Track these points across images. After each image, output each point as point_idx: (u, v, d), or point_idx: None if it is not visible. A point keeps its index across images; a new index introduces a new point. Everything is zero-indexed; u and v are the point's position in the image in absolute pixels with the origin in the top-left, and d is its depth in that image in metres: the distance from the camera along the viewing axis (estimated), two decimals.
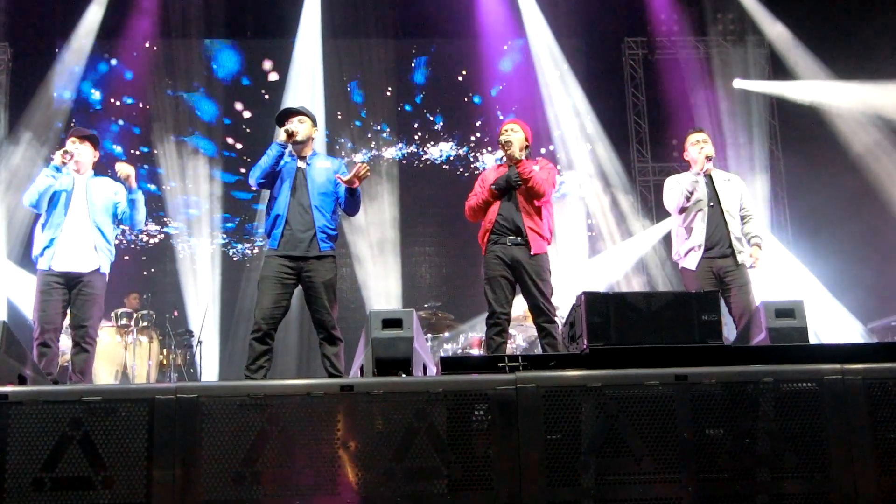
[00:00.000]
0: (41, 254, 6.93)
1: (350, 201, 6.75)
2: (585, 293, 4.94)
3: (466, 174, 14.73)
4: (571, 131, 14.59)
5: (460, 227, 13.32)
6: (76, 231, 6.97)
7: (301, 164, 6.74)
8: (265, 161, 6.64)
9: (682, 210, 7.59)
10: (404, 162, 14.87)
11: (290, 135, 6.63)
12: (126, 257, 13.88)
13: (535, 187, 6.79)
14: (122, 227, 7.38)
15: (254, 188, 7.02)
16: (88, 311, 6.89)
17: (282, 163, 6.67)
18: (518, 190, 6.82)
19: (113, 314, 10.94)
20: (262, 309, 6.41)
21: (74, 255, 6.92)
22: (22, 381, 4.88)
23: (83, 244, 6.96)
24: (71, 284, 6.90)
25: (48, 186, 6.94)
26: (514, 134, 6.97)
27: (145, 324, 10.94)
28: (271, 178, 6.68)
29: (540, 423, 4.14)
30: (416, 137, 14.94)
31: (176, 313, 11.95)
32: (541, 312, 6.63)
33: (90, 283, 6.92)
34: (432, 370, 5.82)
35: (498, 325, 6.67)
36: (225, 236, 14.36)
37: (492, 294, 6.71)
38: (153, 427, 4.04)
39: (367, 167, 6.63)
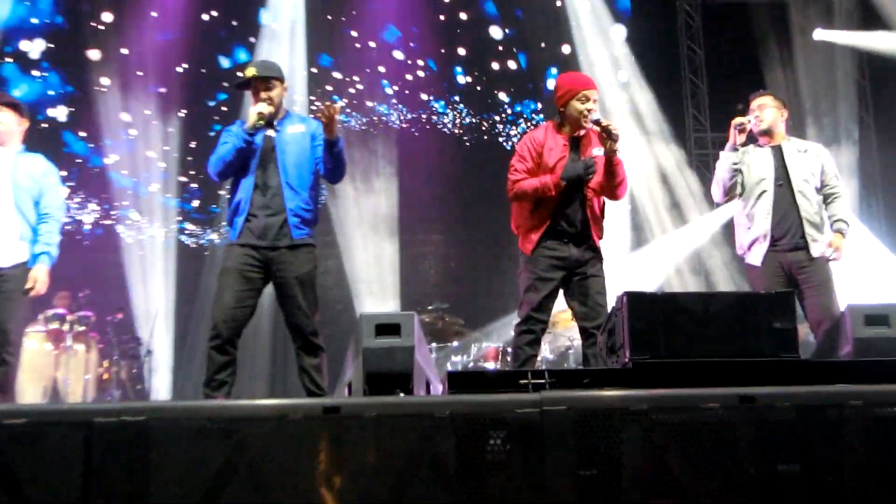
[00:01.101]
0: None
1: (330, 160, 6.67)
2: (628, 294, 4.92)
3: (485, 142, 14.73)
4: (611, 93, 14.59)
5: (474, 211, 13.38)
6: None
7: (269, 131, 6.71)
8: (228, 152, 6.57)
9: (732, 197, 7.59)
10: (405, 126, 14.87)
11: (263, 118, 6.60)
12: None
13: (621, 193, 6.89)
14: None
15: (215, 179, 6.97)
16: (10, 312, 6.89)
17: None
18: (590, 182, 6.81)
19: (41, 317, 10.97)
20: (223, 309, 6.40)
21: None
22: None
23: (4, 233, 6.96)
24: None
25: None
26: (596, 105, 6.94)
27: (81, 328, 10.96)
28: (236, 167, 6.64)
29: (571, 454, 4.13)
30: (421, 96, 14.94)
31: (120, 316, 11.96)
32: (596, 315, 6.64)
33: (13, 278, 6.92)
34: (437, 388, 5.82)
35: (531, 334, 6.73)
36: (182, 219, 14.39)
37: (536, 295, 6.71)
38: (90, 457, 4.04)
39: (338, 106, 6.60)
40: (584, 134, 6.90)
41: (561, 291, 6.83)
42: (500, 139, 14.98)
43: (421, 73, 15.04)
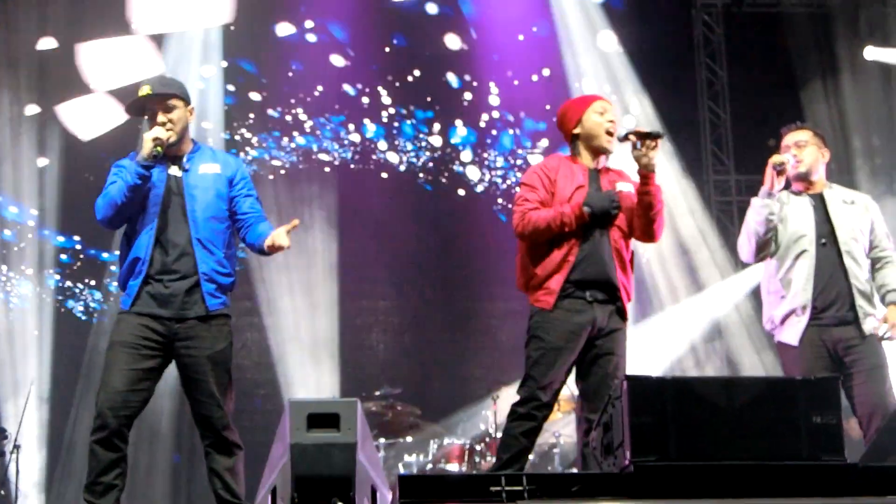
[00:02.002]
0: None
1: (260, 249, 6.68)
2: (629, 378, 4.95)
3: (446, 185, 14.79)
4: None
5: (432, 271, 13.39)
6: None
7: (174, 170, 6.61)
8: (120, 192, 6.43)
9: (763, 256, 7.60)
10: (348, 166, 14.92)
11: (161, 145, 6.50)
12: None
13: (658, 230, 6.85)
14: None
15: (106, 228, 6.89)
16: None
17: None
18: (615, 224, 6.79)
19: None
20: (110, 393, 6.32)
21: None
22: None
23: None
24: None
25: None
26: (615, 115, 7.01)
27: None
28: (129, 212, 6.52)
29: None
30: (367, 128, 15.00)
31: None
32: (599, 405, 6.60)
33: None
34: (386, 496, 5.81)
35: (532, 420, 6.58)
36: (60, 278, 14.33)
37: (545, 374, 6.58)
38: None
39: (296, 223, 6.61)
40: (604, 168, 6.92)
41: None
42: (466, 181, 15.05)
43: (366, 100, 15.11)
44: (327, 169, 14.89)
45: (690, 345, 14.22)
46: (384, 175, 14.96)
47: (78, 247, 14.48)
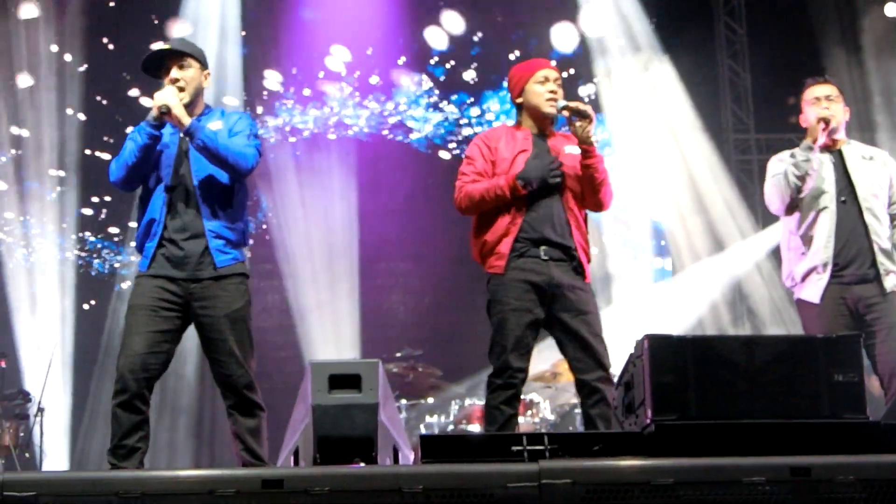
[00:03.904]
0: None
1: (211, 160, 6.49)
2: (650, 337, 4.93)
3: (458, 153, 14.76)
4: (625, 80, 14.64)
5: (450, 234, 13.38)
6: None
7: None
8: (131, 153, 6.47)
9: (793, 208, 7.56)
10: (366, 134, 14.90)
11: (168, 110, 6.50)
12: None
13: (605, 200, 6.83)
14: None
15: (120, 189, 6.90)
16: None
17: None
18: (564, 184, 6.76)
19: None
20: (130, 356, 6.33)
21: None
22: None
23: None
24: None
25: None
26: (558, 86, 6.95)
27: None
28: (141, 173, 6.56)
29: None
30: (386, 98, 14.98)
31: (3, 364, 11.91)
32: (595, 365, 6.58)
33: None
34: (408, 456, 5.82)
35: (509, 388, 6.59)
36: (83, 238, 14.37)
37: (508, 338, 6.59)
38: None
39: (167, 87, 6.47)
40: (551, 133, 6.90)
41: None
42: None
43: (387, 71, 15.07)
44: (348, 134, 14.87)
45: (711, 304, 14.20)
46: (404, 140, 14.93)
47: (102, 208, 14.52)
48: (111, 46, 14.45)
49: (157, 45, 6.72)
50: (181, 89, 6.51)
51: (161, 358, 6.37)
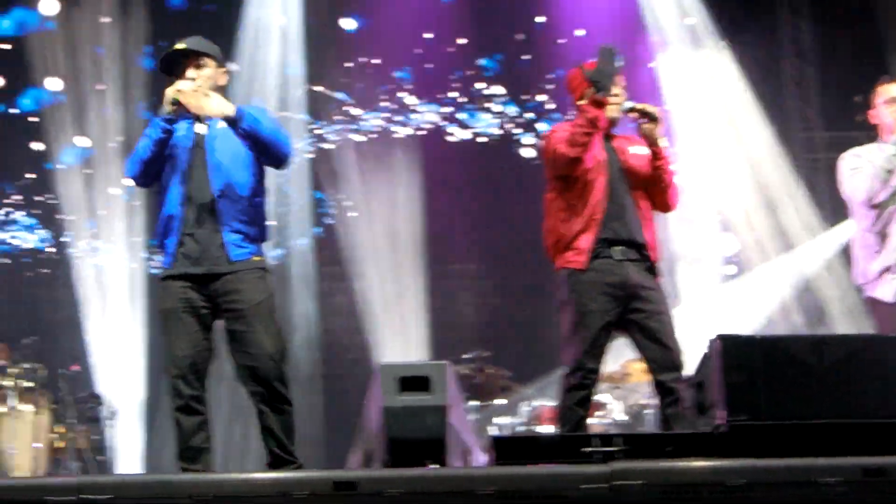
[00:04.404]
0: None
1: (249, 145, 6.51)
2: (721, 337, 4.92)
3: (530, 149, 14.74)
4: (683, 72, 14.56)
5: (519, 233, 13.36)
6: None
7: (199, 127, 6.58)
8: (145, 147, 6.50)
9: (875, 205, 7.50)
10: (431, 136, 14.90)
11: (179, 102, 6.49)
12: None
13: (672, 200, 6.86)
14: None
15: (137, 185, 6.94)
16: None
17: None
18: (633, 183, 6.78)
19: None
20: (176, 361, 6.29)
21: None
22: None
23: None
24: None
25: None
26: (621, 89, 6.93)
27: (28, 385, 11.00)
28: (156, 168, 6.56)
29: None
30: (453, 94, 14.97)
31: (77, 368, 11.99)
32: (671, 365, 6.56)
33: None
34: (479, 458, 5.83)
35: (583, 389, 6.58)
36: (150, 243, 14.48)
37: (583, 338, 6.57)
38: None
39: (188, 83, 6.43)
40: (613, 136, 6.87)
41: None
42: None
43: (452, 66, 15.06)
44: (411, 135, 14.89)
45: (781, 303, 14.11)
46: (470, 139, 14.92)
47: None
48: None
49: (176, 45, 6.62)
50: (195, 89, 6.45)
51: (205, 354, 6.35)
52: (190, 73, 6.54)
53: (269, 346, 6.33)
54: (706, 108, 14.48)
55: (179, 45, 6.64)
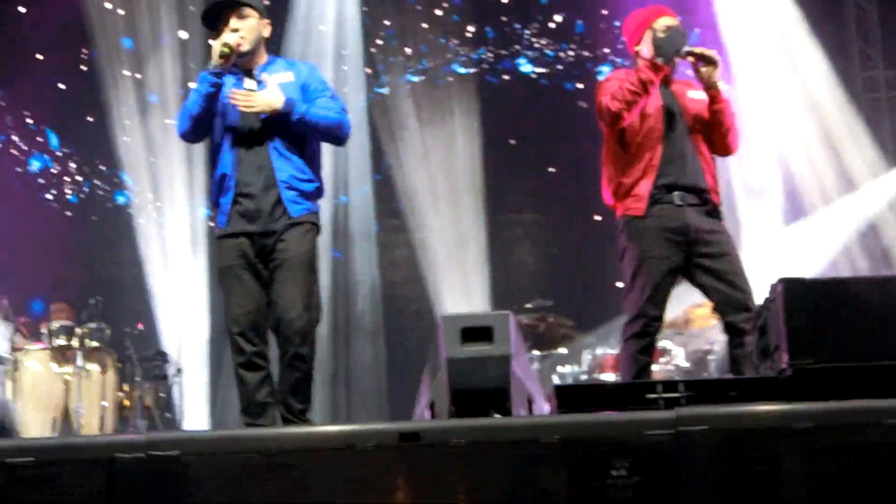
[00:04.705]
0: None
1: (310, 131, 6.57)
2: (784, 281, 4.89)
3: (592, 91, 14.64)
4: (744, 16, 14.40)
5: (579, 180, 13.31)
6: None
7: (248, 83, 6.56)
8: (194, 103, 6.49)
9: None
10: (487, 77, 14.84)
11: (227, 55, 6.40)
12: (50, 236, 14.12)
13: (733, 143, 6.82)
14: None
15: (186, 142, 6.98)
16: None
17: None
18: (692, 128, 6.76)
19: (44, 330, 11.12)
20: (236, 318, 6.36)
21: None
22: None
23: None
24: None
25: None
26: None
27: (95, 344, 11.06)
28: (206, 124, 6.57)
29: (714, 487, 4.12)
30: (508, 32, 14.90)
31: (141, 326, 12.06)
32: (742, 306, 6.52)
33: None
34: (543, 406, 5.84)
35: (645, 336, 6.60)
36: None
37: (645, 285, 6.59)
38: (113, 501, 4.11)
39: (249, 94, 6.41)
40: (672, 80, 6.84)
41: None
42: None
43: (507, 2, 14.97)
44: (468, 82, 14.84)
45: (844, 245, 13.99)
46: (527, 86, 14.86)
47: None
48: None
49: None
50: (241, 38, 6.46)
51: (264, 310, 6.36)
52: (233, 23, 6.50)
53: (296, 299, 6.34)
54: (766, 49, 14.35)
55: None
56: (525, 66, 14.88)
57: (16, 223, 13.41)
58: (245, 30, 6.50)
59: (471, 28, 14.92)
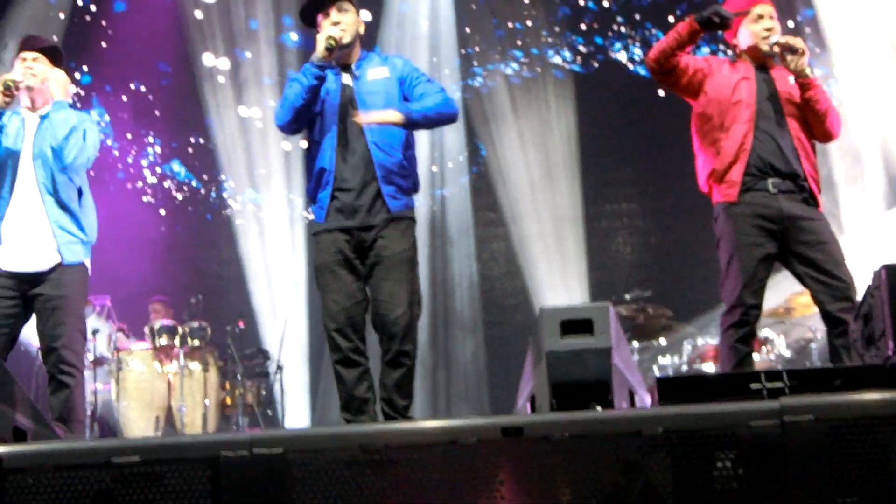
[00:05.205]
0: None
1: (433, 124, 6.83)
2: (887, 267, 4.82)
3: None
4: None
5: (675, 169, 13.23)
6: (27, 206, 6.94)
7: (345, 78, 6.59)
8: (297, 95, 6.48)
9: None
10: (583, 72, 14.80)
11: (332, 48, 6.41)
12: (150, 235, 14.33)
13: (832, 128, 6.71)
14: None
15: (286, 133, 6.92)
16: (56, 326, 6.89)
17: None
18: (790, 114, 6.68)
19: (146, 330, 11.27)
20: (333, 315, 6.37)
21: (27, 245, 6.88)
22: (19, 435, 5.06)
23: (32, 229, 6.90)
24: (27, 288, 6.93)
25: None
26: (774, 23, 6.81)
27: (196, 343, 11.21)
28: (306, 115, 6.57)
29: (823, 477, 4.08)
30: (603, 20, 14.83)
31: (242, 325, 12.17)
32: (839, 295, 6.44)
33: (54, 283, 6.94)
34: (644, 399, 5.80)
35: (744, 325, 6.54)
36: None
37: (740, 274, 6.54)
38: (218, 500, 4.14)
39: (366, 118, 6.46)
40: (772, 65, 6.79)
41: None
42: None
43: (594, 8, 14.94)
44: (563, 76, 14.81)
45: None
46: (622, 80, 14.78)
47: None
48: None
49: None
50: (342, 30, 6.48)
51: (361, 306, 6.38)
52: (334, 15, 6.53)
53: (399, 296, 6.36)
54: (868, 34, 14.17)
55: None
56: (620, 54, 14.81)
57: (119, 223, 13.60)
58: (346, 23, 6.53)
59: (565, 16, 14.87)
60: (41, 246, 6.86)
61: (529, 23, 14.88)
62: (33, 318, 6.93)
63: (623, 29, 14.88)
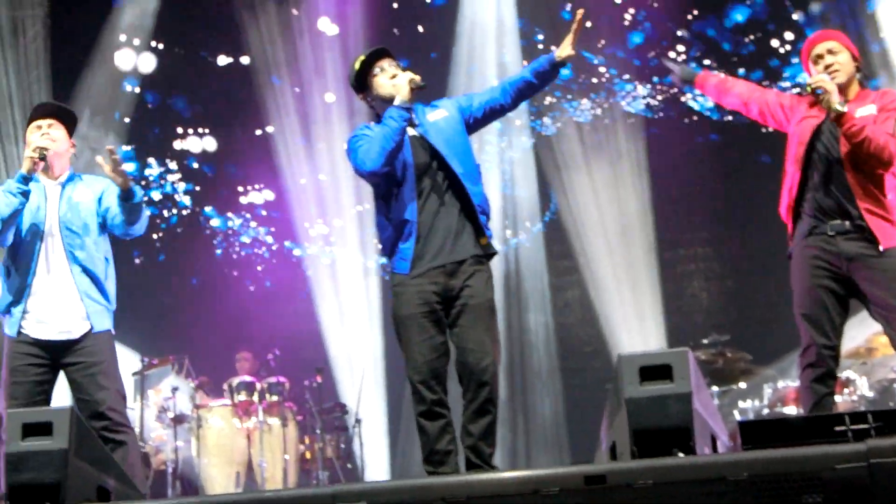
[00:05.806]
0: (6, 311, 7.00)
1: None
2: None
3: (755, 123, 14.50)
4: None
5: (748, 212, 13.18)
6: (54, 275, 7.02)
7: (409, 130, 6.58)
8: (385, 137, 6.40)
9: None
10: (654, 115, 14.78)
11: (414, 89, 6.46)
12: (228, 290, 14.41)
13: (881, 154, 6.51)
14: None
15: (374, 179, 6.64)
16: (99, 390, 6.95)
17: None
18: (845, 151, 6.61)
19: (225, 387, 11.35)
20: (417, 367, 6.35)
21: (56, 314, 7.02)
22: (103, 495, 5.11)
23: (63, 296, 7.01)
24: (56, 356, 6.99)
25: (14, 209, 6.90)
26: (836, 57, 6.79)
27: (275, 398, 11.28)
28: (393, 160, 6.45)
29: None
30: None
31: (319, 379, 12.21)
32: None
33: (88, 350, 7.01)
34: (726, 443, 5.76)
35: (819, 367, 6.51)
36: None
37: (806, 316, 6.55)
38: None
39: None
40: (840, 114, 6.71)
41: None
42: None
43: (674, 44, 14.89)
44: (632, 120, 14.80)
45: None
46: (693, 121, 14.74)
47: None
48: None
49: (358, 61, 6.70)
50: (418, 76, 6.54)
51: (444, 358, 6.38)
52: (391, 66, 6.64)
53: (486, 345, 6.36)
54: None
55: (361, 58, 6.70)
56: (691, 102, 14.77)
57: (196, 281, 13.76)
58: (398, 69, 6.65)
59: (635, 67, 14.88)
60: (71, 314, 6.98)
61: (602, 69, 14.88)
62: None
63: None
